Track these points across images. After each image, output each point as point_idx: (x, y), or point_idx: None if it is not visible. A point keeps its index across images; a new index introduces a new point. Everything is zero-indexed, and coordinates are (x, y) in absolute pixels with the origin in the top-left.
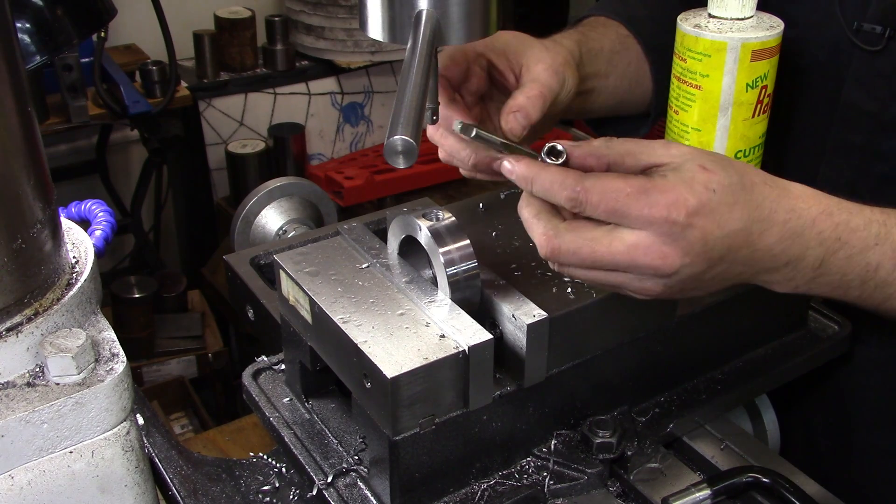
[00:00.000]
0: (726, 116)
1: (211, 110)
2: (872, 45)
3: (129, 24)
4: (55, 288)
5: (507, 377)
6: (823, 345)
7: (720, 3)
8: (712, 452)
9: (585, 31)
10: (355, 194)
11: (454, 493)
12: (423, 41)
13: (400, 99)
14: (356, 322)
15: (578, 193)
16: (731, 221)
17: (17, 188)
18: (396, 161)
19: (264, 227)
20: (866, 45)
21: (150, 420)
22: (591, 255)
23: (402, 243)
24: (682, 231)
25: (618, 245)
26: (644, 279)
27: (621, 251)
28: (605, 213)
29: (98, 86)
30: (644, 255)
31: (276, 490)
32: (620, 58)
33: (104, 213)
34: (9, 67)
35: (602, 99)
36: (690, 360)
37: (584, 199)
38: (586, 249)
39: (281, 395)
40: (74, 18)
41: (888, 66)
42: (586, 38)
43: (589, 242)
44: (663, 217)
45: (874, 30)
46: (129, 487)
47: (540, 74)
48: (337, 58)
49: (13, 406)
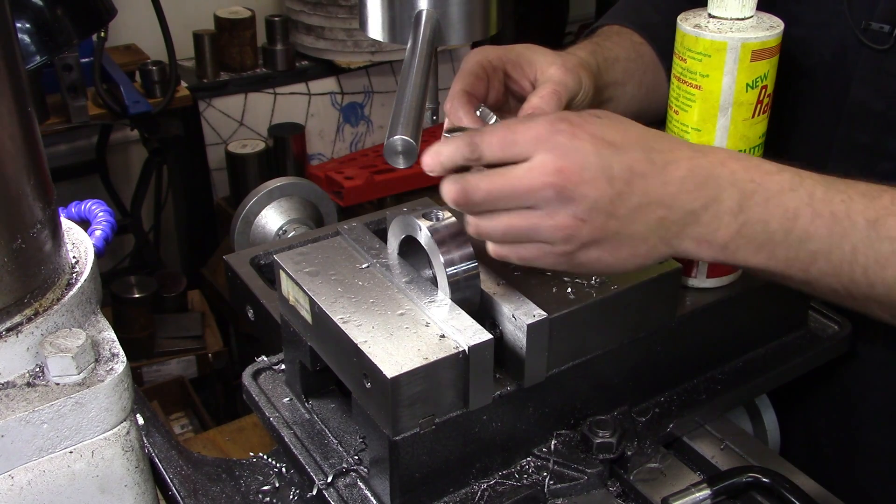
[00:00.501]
0: (726, 116)
1: (211, 110)
2: (880, 43)
3: (129, 24)
4: (55, 288)
5: (507, 377)
6: (823, 345)
7: (720, 3)
8: (712, 452)
9: (599, 41)
10: (355, 194)
11: (454, 493)
12: (423, 41)
13: (400, 99)
14: (356, 322)
15: (471, 137)
16: (626, 142)
17: (17, 188)
18: (396, 161)
19: (264, 227)
20: (874, 43)
21: (150, 420)
22: (494, 185)
23: (402, 243)
24: (570, 141)
25: (516, 170)
26: (553, 212)
27: (520, 175)
28: (500, 147)
29: (98, 86)
30: (541, 174)
31: (276, 490)
32: (636, 65)
33: (104, 213)
34: (9, 67)
35: (621, 107)
36: (690, 360)
37: (477, 141)
38: (488, 181)
39: (281, 395)
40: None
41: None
42: (601, 48)
43: (490, 175)
44: (548, 129)
45: (882, 28)
46: (129, 487)
47: (553, 74)
48: (337, 58)
49: (13, 406)
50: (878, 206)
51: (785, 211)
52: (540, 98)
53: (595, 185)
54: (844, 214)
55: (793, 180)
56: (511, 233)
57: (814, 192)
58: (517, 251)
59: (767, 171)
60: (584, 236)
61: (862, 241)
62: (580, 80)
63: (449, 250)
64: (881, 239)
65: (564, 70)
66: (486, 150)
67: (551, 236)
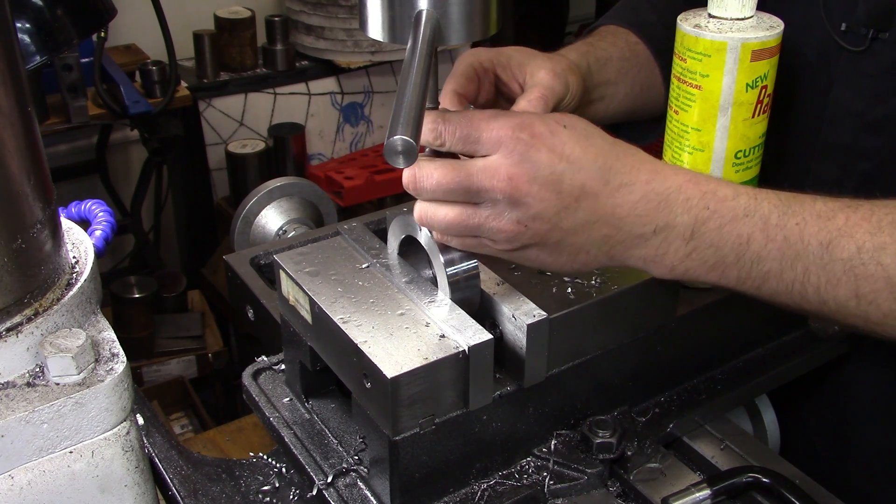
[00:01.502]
0: (726, 116)
1: (211, 110)
2: (857, 45)
3: (129, 24)
4: (55, 288)
5: (507, 377)
6: (823, 345)
7: (720, 3)
8: (712, 452)
9: (594, 41)
10: (355, 194)
11: (454, 493)
12: (423, 41)
13: (400, 99)
14: (356, 322)
15: (437, 124)
16: (584, 159)
17: (17, 188)
18: (396, 161)
19: (264, 227)
20: (851, 45)
21: (150, 420)
22: (445, 177)
23: (402, 243)
24: (527, 150)
25: (469, 167)
26: (499, 214)
27: (472, 172)
28: (461, 138)
29: (98, 86)
30: (492, 177)
31: (276, 490)
32: (630, 64)
33: (104, 213)
34: (9, 67)
35: (614, 106)
36: (690, 360)
37: (442, 130)
38: (441, 172)
39: (281, 395)
40: (74, 18)
41: (873, 66)
42: (594, 48)
43: (444, 166)
44: (509, 135)
45: (860, 31)
46: (129, 487)
47: (542, 79)
48: (337, 58)
49: (13, 406)
50: (832, 227)
51: (738, 237)
52: (528, 102)
53: (541, 197)
54: (797, 238)
55: (748, 206)
56: (455, 226)
57: (769, 217)
58: (461, 240)
59: (723, 197)
60: (525, 239)
61: (814, 262)
62: (567, 85)
63: (449, 250)
64: (833, 261)
65: (553, 75)
66: (448, 139)
67: (494, 235)
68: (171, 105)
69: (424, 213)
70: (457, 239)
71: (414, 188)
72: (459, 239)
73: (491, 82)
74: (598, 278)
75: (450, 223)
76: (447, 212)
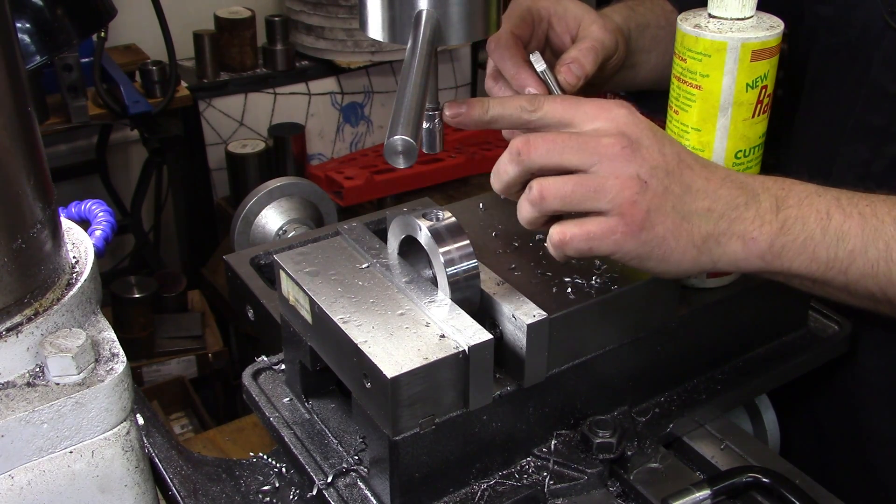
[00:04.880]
0: (726, 116)
1: (211, 110)
2: None
3: (129, 24)
4: (55, 288)
5: (507, 377)
6: (823, 345)
7: (720, 3)
8: (712, 452)
9: (633, 5)
10: (355, 194)
11: (454, 493)
12: (423, 41)
13: (400, 99)
14: (356, 322)
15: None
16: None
17: (17, 188)
18: (396, 161)
19: (264, 227)
20: None
21: (150, 420)
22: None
23: (402, 243)
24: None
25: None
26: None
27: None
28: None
29: (98, 86)
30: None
31: (276, 490)
32: (665, 33)
33: (104, 213)
34: (9, 67)
35: (643, 74)
36: (690, 360)
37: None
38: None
39: (281, 395)
40: (74, 18)
41: None
42: (634, 13)
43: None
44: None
45: None
46: (129, 487)
47: (594, 32)
48: (337, 58)
49: (13, 406)
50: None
51: (818, 211)
52: (578, 51)
53: (652, 154)
54: (871, 214)
55: (817, 187)
56: (578, 192)
57: (839, 196)
58: (585, 227)
59: (793, 181)
60: (648, 201)
61: (893, 237)
62: (616, 43)
63: (449, 250)
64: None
65: (605, 30)
66: (548, 108)
67: (618, 195)
68: (171, 105)
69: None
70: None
71: (525, 151)
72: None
73: (543, 31)
74: (599, 278)
75: (572, 190)
76: (564, 182)
